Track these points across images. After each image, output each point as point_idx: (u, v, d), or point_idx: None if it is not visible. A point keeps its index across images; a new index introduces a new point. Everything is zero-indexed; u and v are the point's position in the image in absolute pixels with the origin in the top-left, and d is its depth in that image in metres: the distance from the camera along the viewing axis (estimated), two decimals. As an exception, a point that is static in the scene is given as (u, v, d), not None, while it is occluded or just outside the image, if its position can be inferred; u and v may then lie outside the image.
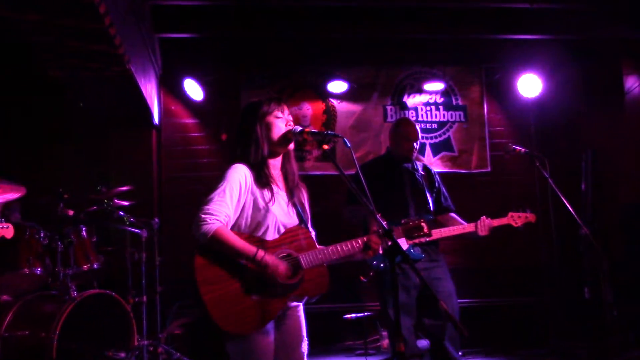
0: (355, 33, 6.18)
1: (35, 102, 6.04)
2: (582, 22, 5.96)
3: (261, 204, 2.69)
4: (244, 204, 2.69)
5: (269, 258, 2.57)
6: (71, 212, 4.60)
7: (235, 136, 2.87)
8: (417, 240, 4.08)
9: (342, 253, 2.72)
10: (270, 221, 2.69)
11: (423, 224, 2.89)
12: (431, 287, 3.73)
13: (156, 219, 5.23)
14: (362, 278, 4.13)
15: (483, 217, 4.17)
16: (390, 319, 4.07)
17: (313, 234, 2.84)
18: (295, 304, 2.79)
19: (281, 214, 2.74)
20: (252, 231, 2.68)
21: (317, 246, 2.76)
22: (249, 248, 2.57)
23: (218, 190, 2.62)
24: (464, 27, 6.08)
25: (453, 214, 4.42)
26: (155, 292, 5.07)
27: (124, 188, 4.92)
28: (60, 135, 6.11)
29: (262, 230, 2.68)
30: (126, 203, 5.05)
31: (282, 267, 2.59)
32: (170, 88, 6.43)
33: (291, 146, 2.85)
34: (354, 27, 6.06)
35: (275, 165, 2.86)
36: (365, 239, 2.75)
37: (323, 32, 6.12)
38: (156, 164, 6.31)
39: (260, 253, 2.56)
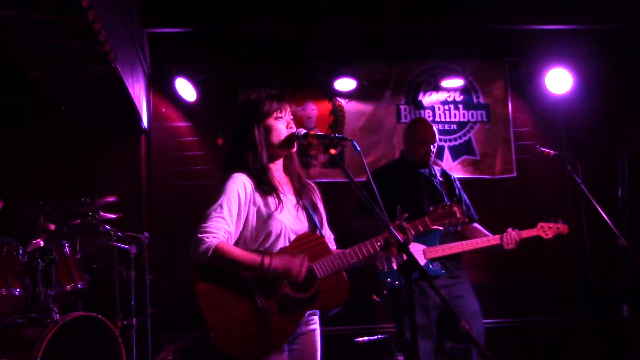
0: (364, 25, 6.17)
1: (12, 106, 6.07)
2: (617, 10, 5.96)
3: (266, 212, 2.69)
4: (247, 215, 2.70)
5: (277, 262, 2.57)
6: (53, 226, 4.61)
7: (231, 138, 2.89)
8: (436, 254, 4.07)
9: (361, 255, 2.72)
10: (278, 230, 2.70)
11: (455, 209, 2.85)
12: (453, 306, 3.75)
13: (146, 233, 5.25)
14: (375, 297, 4.11)
15: (509, 229, 4.15)
16: (407, 342, 4.05)
17: (332, 237, 2.86)
18: (312, 327, 2.79)
19: (290, 220, 2.75)
20: (259, 243, 2.69)
21: (333, 251, 2.76)
22: (254, 257, 2.57)
23: (215, 206, 2.63)
24: (485, 16, 6.07)
25: (476, 225, 4.40)
26: (146, 315, 5.08)
27: (111, 199, 4.94)
28: (40, 141, 6.12)
29: (271, 240, 2.69)
30: (113, 216, 5.06)
31: (295, 264, 2.58)
32: (161, 88, 6.43)
33: (294, 149, 2.88)
34: (362, 18, 6.06)
35: (277, 168, 2.88)
36: (386, 234, 2.71)
37: (328, 24, 6.12)
38: (145, 172, 6.32)
39: (267, 260, 2.56)
